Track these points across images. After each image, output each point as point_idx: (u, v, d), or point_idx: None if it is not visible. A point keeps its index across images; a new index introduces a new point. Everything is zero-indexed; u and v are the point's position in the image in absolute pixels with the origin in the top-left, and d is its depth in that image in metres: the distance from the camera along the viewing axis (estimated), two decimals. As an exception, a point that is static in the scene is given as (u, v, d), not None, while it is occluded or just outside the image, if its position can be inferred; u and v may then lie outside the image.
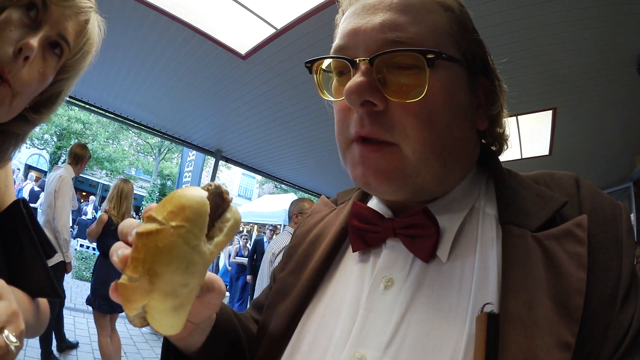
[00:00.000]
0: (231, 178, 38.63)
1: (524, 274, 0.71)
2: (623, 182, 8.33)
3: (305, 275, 0.98)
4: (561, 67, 4.81)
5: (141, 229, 0.64)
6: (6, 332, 0.78)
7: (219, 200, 0.72)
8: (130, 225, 0.69)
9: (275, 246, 5.60)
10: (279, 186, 34.26)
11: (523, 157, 7.53)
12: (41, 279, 1.15)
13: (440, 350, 0.71)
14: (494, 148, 1.01)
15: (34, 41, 0.95)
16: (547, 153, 7.27)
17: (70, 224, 5.77)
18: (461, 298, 0.76)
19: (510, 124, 1.01)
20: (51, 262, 1.15)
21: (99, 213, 6.69)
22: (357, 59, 0.80)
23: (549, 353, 0.63)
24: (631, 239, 0.77)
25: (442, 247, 0.83)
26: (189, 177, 14.94)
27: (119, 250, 0.66)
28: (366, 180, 0.82)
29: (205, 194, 0.67)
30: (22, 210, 1.13)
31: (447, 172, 0.85)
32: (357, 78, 0.78)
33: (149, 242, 0.62)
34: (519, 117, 6.16)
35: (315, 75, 0.92)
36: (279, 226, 18.98)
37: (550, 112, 5.98)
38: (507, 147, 1.01)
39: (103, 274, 5.77)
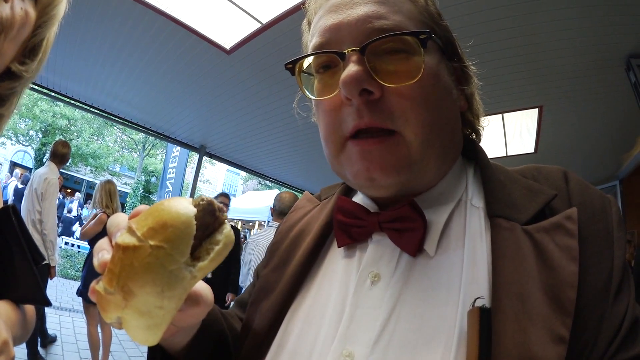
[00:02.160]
0: (215, 174, 38.64)
1: (515, 267, 0.70)
2: (609, 180, 8.46)
3: (289, 271, 0.96)
4: (548, 65, 4.87)
5: (120, 240, 0.59)
6: None
7: (210, 218, 0.65)
8: (118, 224, 0.65)
9: (260, 242, 5.57)
10: (263, 182, 34.31)
11: (508, 154, 7.60)
12: (30, 286, 1.13)
13: (431, 346, 0.70)
14: (473, 136, 1.03)
15: None
16: (532, 151, 7.37)
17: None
18: (450, 292, 0.75)
19: (495, 121, 1.03)
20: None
21: (85, 210, 6.81)
22: (346, 51, 0.80)
23: (544, 347, 0.62)
24: (622, 231, 0.76)
25: (429, 240, 0.82)
26: (172, 173, 14.96)
27: (100, 254, 0.63)
28: (370, 175, 0.81)
29: (192, 211, 0.61)
30: (11, 216, 1.12)
31: (446, 152, 0.86)
32: (351, 68, 0.77)
33: (125, 257, 0.57)
34: (504, 114, 6.22)
35: (297, 77, 0.92)
36: (263, 222, 19.14)
37: (536, 110, 6.03)
38: (483, 129, 1.04)
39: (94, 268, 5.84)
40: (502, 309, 0.66)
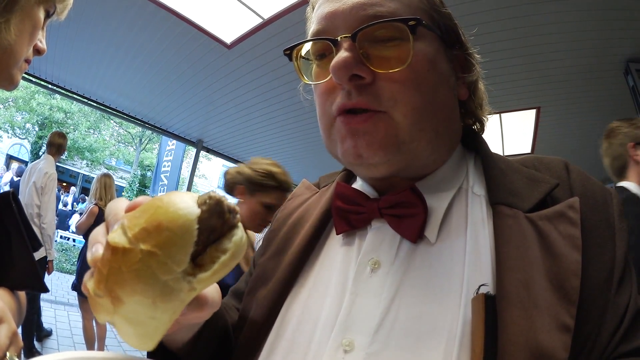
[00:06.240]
0: (211, 169, 38.44)
1: (519, 254, 0.70)
2: (605, 183, 8.46)
3: (287, 259, 0.95)
4: (548, 67, 4.89)
5: (110, 238, 0.53)
6: (8, 354, 0.78)
7: (217, 221, 0.56)
8: (116, 213, 0.60)
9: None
10: (258, 178, 34.10)
11: (505, 154, 7.59)
12: (28, 272, 1.14)
13: (434, 334, 0.70)
14: (476, 128, 1.03)
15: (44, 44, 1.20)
16: (529, 151, 7.36)
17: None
18: (453, 280, 0.74)
19: (493, 121, 1.02)
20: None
21: (80, 204, 6.83)
22: (339, 37, 0.80)
23: (550, 335, 0.62)
24: (623, 222, 0.76)
25: (430, 227, 0.81)
26: (168, 166, 14.76)
27: (95, 247, 0.57)
28: (357, 152, 0.80)
29: (195, 212, 0.52)
30: (11, 202, 1.12)
31: (439, 138, 0.85)
32: (342, 54, 0.78)
33: (113, 260, 0.51)
34: (502, 114, 6.22)
35: (295, 62, 0.92)
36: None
37: (534, 111, 6.04)
38: (487, 120, 1.03)
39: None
40: (508, 296, 0.66)
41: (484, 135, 1.01)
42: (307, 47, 0.90)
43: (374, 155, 0.80)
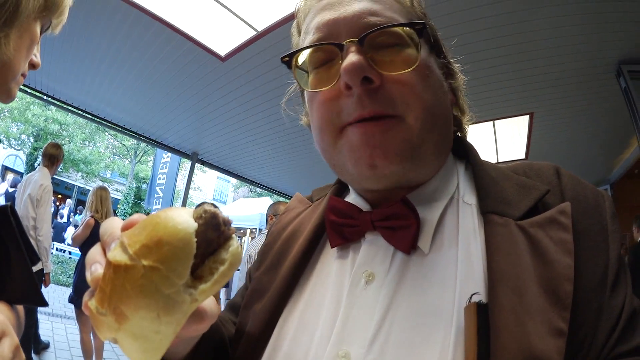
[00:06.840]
0: (206, 182, 38.31)
1: (510, 262, 0.71)
2: (600, 184, 8.55)
3: (282, 273, 0.95)
4: (540, 72, 4.90)
5: (111, 257, 0.53)
6: None
7: (214, 233, 0.57)
8: (112, 232, 0.61)
9: (252, 248, 5.63)
10: (253, 190, 33.99)
11: (499, 161, 7.62)
12: (26, 286, 1.13)
13: (429, 344, 0.70)
14: (459, 134, 1.04)
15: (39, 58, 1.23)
16: (523, 157, 7.37)
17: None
18: (446, 289, 0.75)
19: (486, 128, 1.04)
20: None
21: (76, 217, 6.82)
22: (345, 42, 0.81)
23: (543, 340, 0.62)
24: (616, 224, 0.77)
25: (423, 237, 0.82)
26: (163, 178, 14.74)
27: (93, 267, 0.58)
28: (372, 161, 0.80)
29: (193, 225, 0.53)
30: (9, 216, 1.12)
31: (442, 142, 0.87)
32: (352, 57, 0.78)
33: (116, 277, 0.52)
34: (495, 121, 6.24)
35: (294, 70, 0.92)
36: (254, 230, 19.05)
37: (527, 117, 6.07)
38: (468, 125, 1.06)
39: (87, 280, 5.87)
40: (500, 304, 0.66)
41: (478, 143, 1.02)
42: (303, 56, 0.90)
43: (390, 165, 0.80)
